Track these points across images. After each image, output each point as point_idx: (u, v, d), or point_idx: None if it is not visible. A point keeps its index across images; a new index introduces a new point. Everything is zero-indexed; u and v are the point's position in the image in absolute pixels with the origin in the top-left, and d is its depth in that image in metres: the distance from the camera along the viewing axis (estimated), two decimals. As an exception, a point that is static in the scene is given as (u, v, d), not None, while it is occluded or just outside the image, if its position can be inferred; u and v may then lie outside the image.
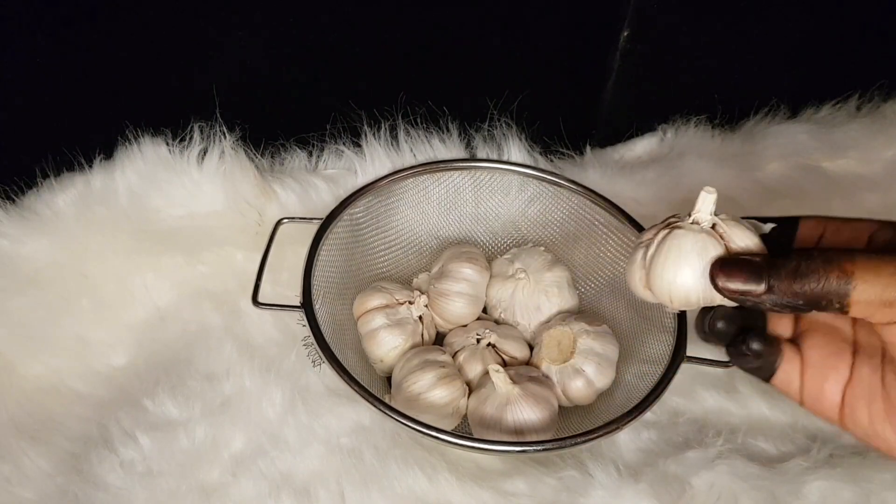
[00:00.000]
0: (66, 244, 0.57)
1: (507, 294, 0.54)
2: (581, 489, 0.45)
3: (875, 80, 0.70)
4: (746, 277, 0.26)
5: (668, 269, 0.29)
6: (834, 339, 0.30)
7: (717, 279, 0.27)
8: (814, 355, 0.30)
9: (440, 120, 0.63)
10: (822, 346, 0.30)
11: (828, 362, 0.30)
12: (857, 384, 0.29)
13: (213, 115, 0.58)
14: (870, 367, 0.29)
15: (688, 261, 0.28)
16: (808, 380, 0.30)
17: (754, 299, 0.26)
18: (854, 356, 0.30)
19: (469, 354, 0.51)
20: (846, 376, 0.29)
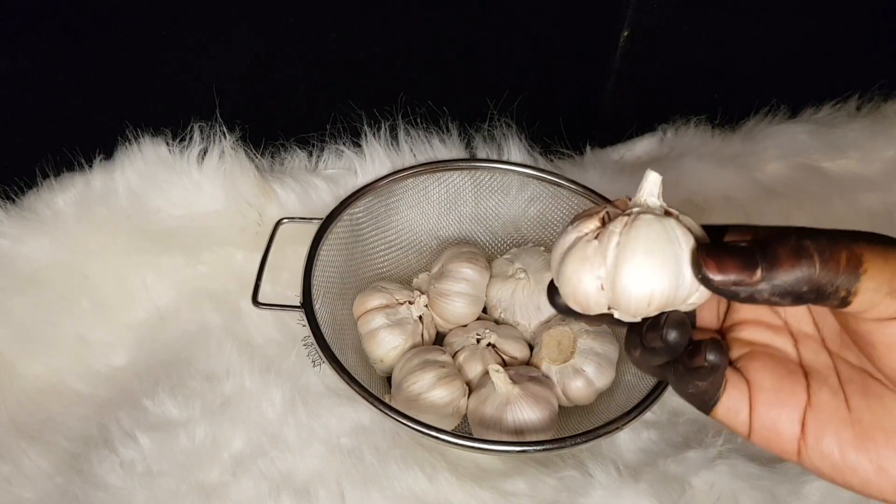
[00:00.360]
0: (66, 244, 0.57)
1: (507, 294, 0.54)
2: (581, 489, 0.45)
3: (875, 80, 0.70)
4: (740, 265, 0.22)
5: (643, 266, 0.23)
6: (782, 361, 0.26)
7: (706, 270, 0.22)
8: (764, 379, 0.25)
9: (440, 120, 0.63)
10: (772, 369, 0.25)
11: (783, 386, 0.25)
12: (818, 411, 0.24)
13: (214, 115, 0.58)
14: (829, 391, 0.25)
15: (664, 255, 0.23)
16: (759, 408, 0.25)
17: (749, 289, 0.22)
18: (807, 379, 0.25)
19: (469, 354, 0.51)
20: (804, 402, 0.25)
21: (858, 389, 0.24)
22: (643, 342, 0.25)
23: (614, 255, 0.23)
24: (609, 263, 0.24)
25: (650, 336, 0.24)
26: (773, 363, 0.26)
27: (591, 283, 0.24)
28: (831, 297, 0.22)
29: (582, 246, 0.24)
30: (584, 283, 0.24)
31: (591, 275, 0.24)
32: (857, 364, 0.25)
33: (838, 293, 0.22)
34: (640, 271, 0.23)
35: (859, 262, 0.21)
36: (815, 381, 0.25)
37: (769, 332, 0.26)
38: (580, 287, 0.24)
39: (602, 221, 0.25)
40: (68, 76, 0.55)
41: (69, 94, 0.56)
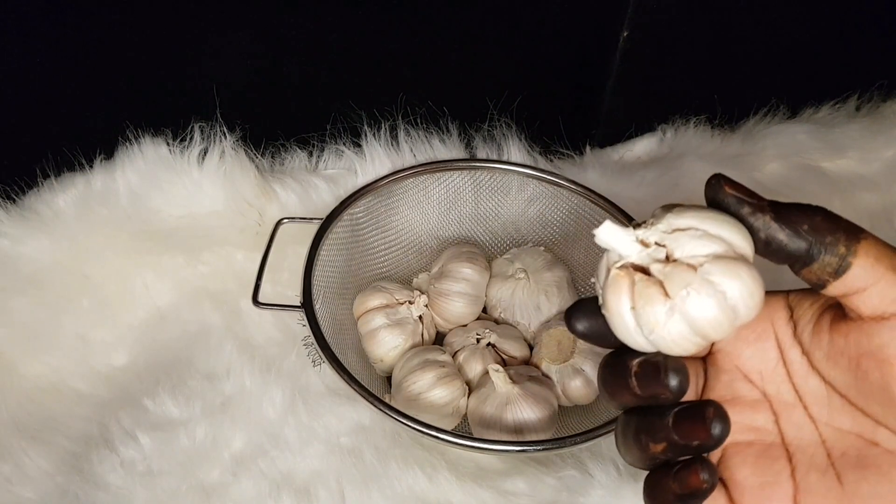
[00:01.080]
0: (66, 244, 0.57)
1: (507, 294, 0.55)
2: (581, 489, 0.45)
3: (874, 80, 0.70)
4: (751, 191, 0.22)
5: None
6: (760, 449, 0.24)
7: (725, 186, 0.22)
8: (747, 477, 0.23)
9: (440, 120, 0.63)
10: (753, 462, 0.24)
11: (767, 480, 0.23)
12: (808, 495, 0.23)
13: (214, 116, 0.58)
14: (817, 471, 0.23)
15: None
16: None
17: (754, 207, 0.22)
18: (791, 461, 0.23)
19: (469, 354, 0.51)
20: (791, 491, 0.23)
21: (852, 462, 0.22)
22: (631, 383, 0.23)
23: (681, 310, 0.21)
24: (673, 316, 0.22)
25: (644, 380, 0.23)
26: (754, 455, 0.24)
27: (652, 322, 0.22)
28: (829, 251, 0.21)
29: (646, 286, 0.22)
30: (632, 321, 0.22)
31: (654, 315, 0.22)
32: (850, 429, 0.23)
33: (837, 247, 0.21)
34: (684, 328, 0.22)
35: (857, 229, 0.21)
36: (801, 462, 0.23)
37: (748, 410, 0.24)
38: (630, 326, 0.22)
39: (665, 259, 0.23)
40: (68, 76, 0.55)
41: (69, 94, 0.56)
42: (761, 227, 0.22)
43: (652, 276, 0.22)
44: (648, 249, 0.23)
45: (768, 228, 0.22)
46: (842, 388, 0.23)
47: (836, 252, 0.21)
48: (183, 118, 0.58)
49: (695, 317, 0.21)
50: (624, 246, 0.23)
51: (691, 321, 0.21)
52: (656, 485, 0.24)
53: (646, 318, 0.22)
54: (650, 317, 0.22)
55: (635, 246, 0.23)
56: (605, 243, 0.23)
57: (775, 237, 0.21)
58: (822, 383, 0.23)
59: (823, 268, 0.21)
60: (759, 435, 0.24)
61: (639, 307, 0.22)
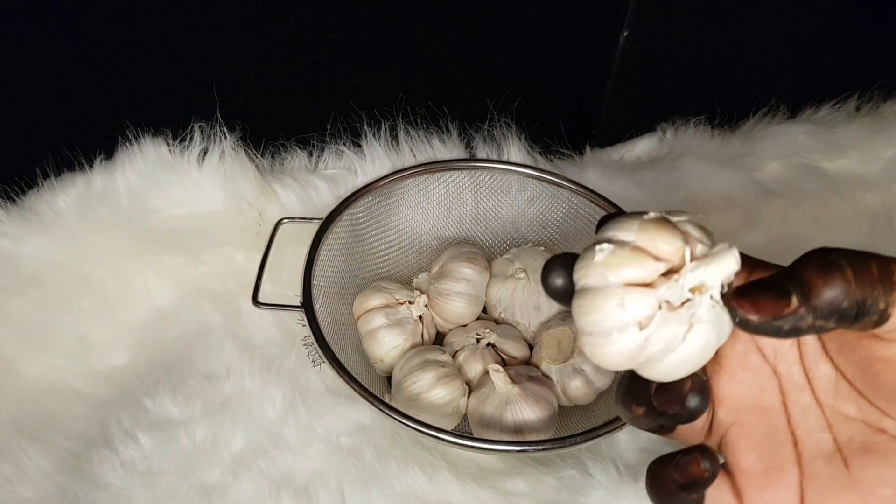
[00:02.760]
0: (66, 244, 0.57)
1: (507, 294, 0.55)
2: (581, 489, 0.45)
3: (874, 80, 0.70)
4: (774, 297, 0.20)
5: (694, 358, 0.21)
6: (766, 432, 0.24)
7: (743, 313, 0.20)
8: (752, 462, 0.23)
9: (440, 120, 0.63)
10: (759, 447, 0.23)
11: (772, 463, 0.23)
12: (815, 481, 0.22)
13: (214, 115, 0.58)
14: (823, 454, 0.23)
15: (712, 344, 0.22)
16: (749, 492, 0.23)
17: (791, 320, 0.20)
18: (797, 446, 0.23)
19: (469, 354, 0.51)
20: (797, 476, 0.23)
21: (858, 448, 0.22)
22: (653, 403, 0.23)
23: (663, 352, 0.21)
24: (652, 354, 0.21)
25: (664, 399, 0.22)
26: (760, 439, 0.24)
27: (623, 361, 0.22)
28: (870, 311, 0.20)
29: (628, 328, 0.21)
30: (616, 360, 0.22)
31: (626, 357, 0.21)
32: (855, 416, 0.23)
33: (878, 304, 0.20)
34: (688, 364, 0.21)
35: (890, 270, 0.20)
36: (807, 448, 0.23)
37: (757, 387, 0.24)
38: (611, 361, 0.22)
39: (655, 280, 0.21)
40: (69, 76, 0.55)
41: (69, 94, 0.56)
42: (808, 332, 0.20)
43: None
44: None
45: (817, 328, 0.20)
46: (851, 377, 0.23)
47: (876, 309, 0.20)
48: (183, 118, 0.58)
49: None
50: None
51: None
52: (657, 473, 0.24)
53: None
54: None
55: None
56: (730, 270, 0.21)
57: (825, 325, 0.20)
58: (833, 369, 0.23)
59: (864, 326, 0.20)
60: (766, 416, 0.24)
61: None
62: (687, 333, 0.21)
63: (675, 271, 0.21)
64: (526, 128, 0.64)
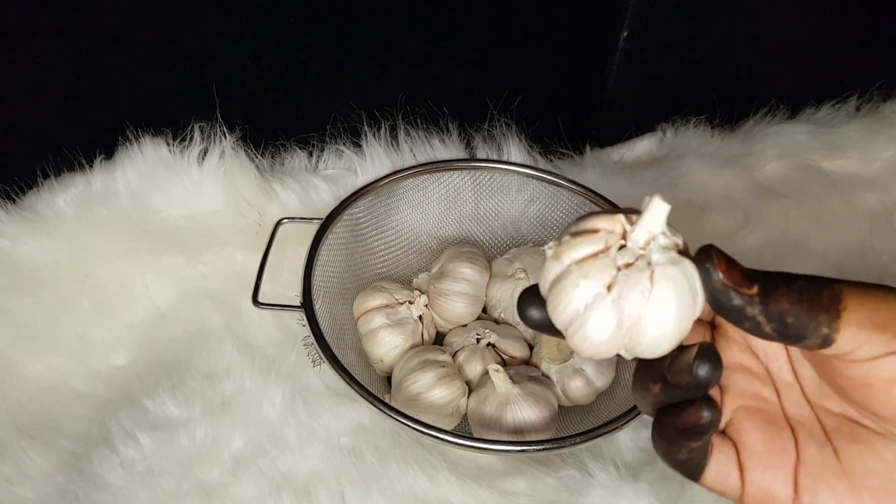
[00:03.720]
0: (66, 244, 0.57)
1: (507, 294, 0.55)
2: (581, 489, 0.45)
3: (874, 80, 0.70)
4: (743, 274, 0.22)
5: (671, 321, 0.22)
6: (771, 418, 0.26)
7: (714, 267, 0.22)
8: (756, 441, 0.25)
9: (440, 120, 0.63)
10: (763, 428, 0.25)
11: (774, 447, 0.25)
12: (809, 466, 0.24)
13: (214, 116, 0.58)
14: (816, 444, 0.24)
15: (688, 305, 0.22)
16: (752, 471, 0.24)
17: (743, 300, 0.22)
18: (794, 433, 0.25)
19: (469, 354, 0.51)
20: (794, 460, 0.24)
21: (846, 438, 0.24)
22: (666, 377, 0.23)
23: (638, 313, 0.22)
24: (632, 318, 0.22)
25: (676, 369, 0.23)
26: (763, 422, 0.25)
27: (608, 337, 0.22)
28: (812, 336, 0.22)
29: (595, 291, 0.22)
30: (595, 335, 0.22)
31: (605, 329, 0.22)
32: (839, 412, 0.24)
33: (820, 330, 0.22)
34: (668, 326, 0.22)
35: (839, 299, 0.22)
36: (802, 436, 0.25)
37: (756, 381, 0.26)
38: (592, 339, 0.22)
39: (604, 248, 0.22)
40: (68, 76, 0.55)
41: (69, 94, 0.56)
42: (749, 318, 0.22)
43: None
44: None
45: (755, 321, 0.22)
46: (827, 382, 0.24)
47: (819, 335, 0.22)
48: (183, 118, 0.58)
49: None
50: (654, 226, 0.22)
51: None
52: (662, 422, 0.25)
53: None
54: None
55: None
56: (661, 214, 0.22)
57: (762, 330, 0.22)
58: (814, 372, 0.25)
59: (808, 346, 0.22)
60: (766, 405, 0.26)
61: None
62: (654, 289, 0.21)
63: (623, 243, 0.22)
64: (526, 128, 0.64)
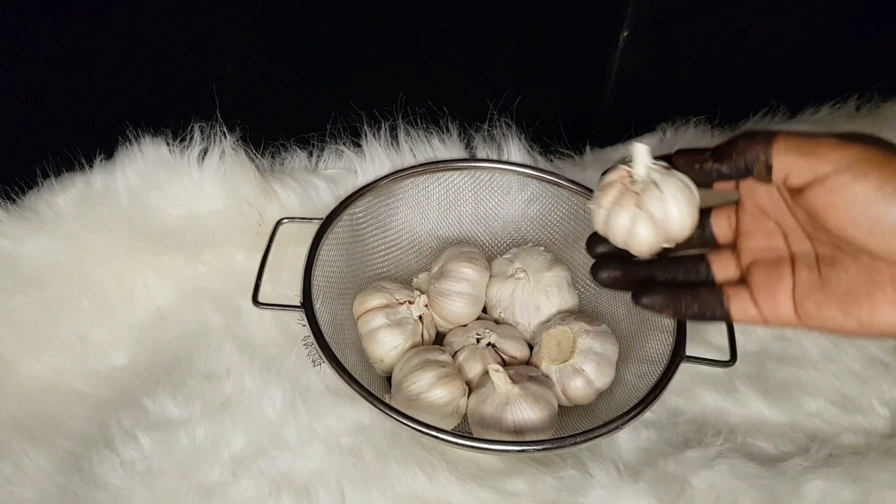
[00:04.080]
0: (66, 244, 0.57)
1: (507, 294, 0.55)
2: (581, 489, 0.45)
3: (874, 80, 0.70)
4: (695, 151, 0.34)
5: (685, 205, 0.34)
6: (772, 258, 0.34)
7: (678, 157, 0.35)
8: (759, 277, 0.34)
9: (440, 120, 0.63)
10: (763, 269, 0.34)
11: (772, 277, 0.34)
12: (800, 286, 0.33)
13: (214, 115, 0.58)
14: (807, 269, 0.33)
15: (691, 193, 0.34)
16: (761, 300, 0.34)
17: (702, 161, 0.33)
18: (793, 265, 0.33)
19: (469, 354, 0.51)
20: (790, 283, 0.33)
21: (828, 261, 0.32)
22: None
23: (661, 210, 0.34)
24: (659, 216, 0.34)
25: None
26: (767, 265, 0.34)
27: (653, 234, 0.34)
28: (757, 162, 0.31)
29: (631, 212, 0.35)
30: (642, 234, 0.34)
31: (646, 229, 0.34)
32: (827, 241, 0.32)
33: (759, 157, 0.31)
34: (683, 208, 0.34)
35: (771, 134, 0.31)
36: (798, 265, 0.33)
37: (766, 238, 0.35)
38: (642, 238, 0.34)
39: (624, 189, 0.35)
40: (68, 76, 0.55)
41: (69, 94, 0.56)
42: (710, 171, 0.33)
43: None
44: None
45: (715, 169, 0.33)
46: (812, 219, 0.32)
47: (760, 161, 0.31)
48: (183, 118, 0.58)
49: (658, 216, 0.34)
50: (640, 166, 0.35)
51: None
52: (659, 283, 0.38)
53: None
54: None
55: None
56: (645, 154, 0.35)
57: (721, 172, 0.33)
58: (805, 215, 0.32)
59: (759, 174, 0.32)
60: (775, 252, 0.35)
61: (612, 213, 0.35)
62: (664, 194, 0.34)
63: (633, 178, 0.36)
64: (526, 128, 0.64)
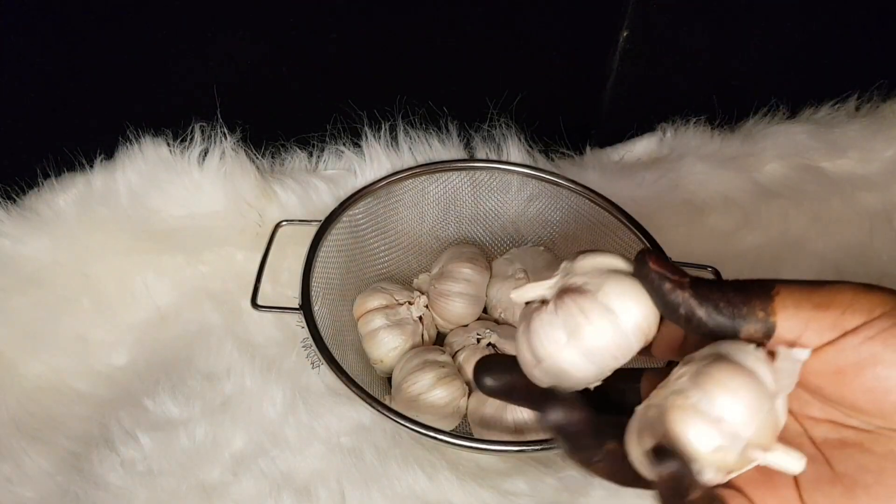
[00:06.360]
0: (66, 244, 0.57)
1: (507, 294, 0.55)
2: (581, 489, 0.45)
3: (874, 80, 0.70)
4: (675, 270, 0.23)
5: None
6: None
7: (649, 261, 0.24)
8: (752, 474, 0.24)
9: (439, 120, 0.63)
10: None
11: (768, 475, 0.24)
12: (806, 482, 0.24)
13: (214, 116, 0.58)
14: (809, 457, 0.24)
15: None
16: (763, 500, 0.24)
17: (674, 286, 0.23)
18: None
19: (469, 354, 0.51)
20: (792, 479, 0.24)
21: (834, 444, 0.24)
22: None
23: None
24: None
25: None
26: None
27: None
28: (749, 320, 0.22)
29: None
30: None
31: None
32: (822, 417, 0.24)
33: (755, 313, 0.22)
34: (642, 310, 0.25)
35: (769, 286, 0.22)
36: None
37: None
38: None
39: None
40: (69, 76, 0.55)
41: (70, 94, 0.56)
42: (681, 304, 0.23)
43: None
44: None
45: (687, 305, 0.23)
46: (804, 387, 0.24)
47: (755, 318, 0.22)
48: (183, 118, 0.58)
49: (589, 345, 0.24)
50: (533, 293, 0.26)
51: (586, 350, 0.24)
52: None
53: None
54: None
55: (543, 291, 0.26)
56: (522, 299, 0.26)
57: (694, 314, 0.23)
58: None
59: (751, 336, 0.22)
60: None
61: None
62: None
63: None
64: (526, 128, 0.64)
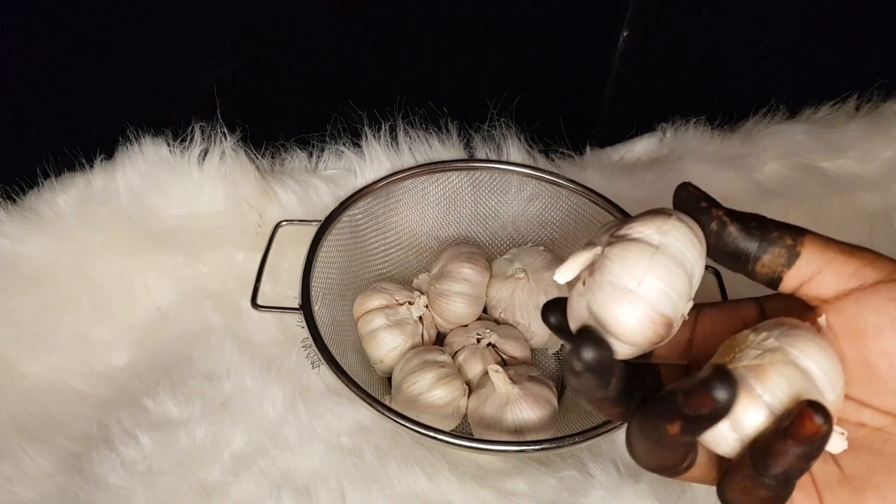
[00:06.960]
0: (66, 244, 0.57)
1: (507, 294, 0.55)
2: (581, 489, 0.45)
3: (874, 80, 0.70)
4: (707, 195, 0.24)
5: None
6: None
7: (689, 187, 0.24)
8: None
9: (439, 120, 0.63)
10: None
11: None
12: (814, 486, 0.24)
13: (214, 116, 0.58)
14: (821, 459, 0.23)
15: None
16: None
17: (711, 204, 0.23)
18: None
19: (469, 354, 0.51)
20: (809, 478, 0.24)
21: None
22: (684, 412, 0.21)
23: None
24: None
25: (694, 400, 0.21)
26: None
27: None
28: (778, 243, 0.23)
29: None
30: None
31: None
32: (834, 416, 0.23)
33: (784, 239, 0.23)
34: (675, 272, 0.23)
35: (803, 229, 0.23)
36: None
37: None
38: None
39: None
40: (68, 76, 0.55)
41: (70, 94, 0.56)
42: (714, 220, 0.23)
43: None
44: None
45: (721, 223, 0.23)
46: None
47: (784, 244, 0.23)
48: (183, 118, 0.58)
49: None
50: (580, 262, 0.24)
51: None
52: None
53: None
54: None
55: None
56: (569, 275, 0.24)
57: (726, 230, 0.23)
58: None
59: (775, 259, 0.23)
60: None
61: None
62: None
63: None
64: (526, 128, 0.64)
